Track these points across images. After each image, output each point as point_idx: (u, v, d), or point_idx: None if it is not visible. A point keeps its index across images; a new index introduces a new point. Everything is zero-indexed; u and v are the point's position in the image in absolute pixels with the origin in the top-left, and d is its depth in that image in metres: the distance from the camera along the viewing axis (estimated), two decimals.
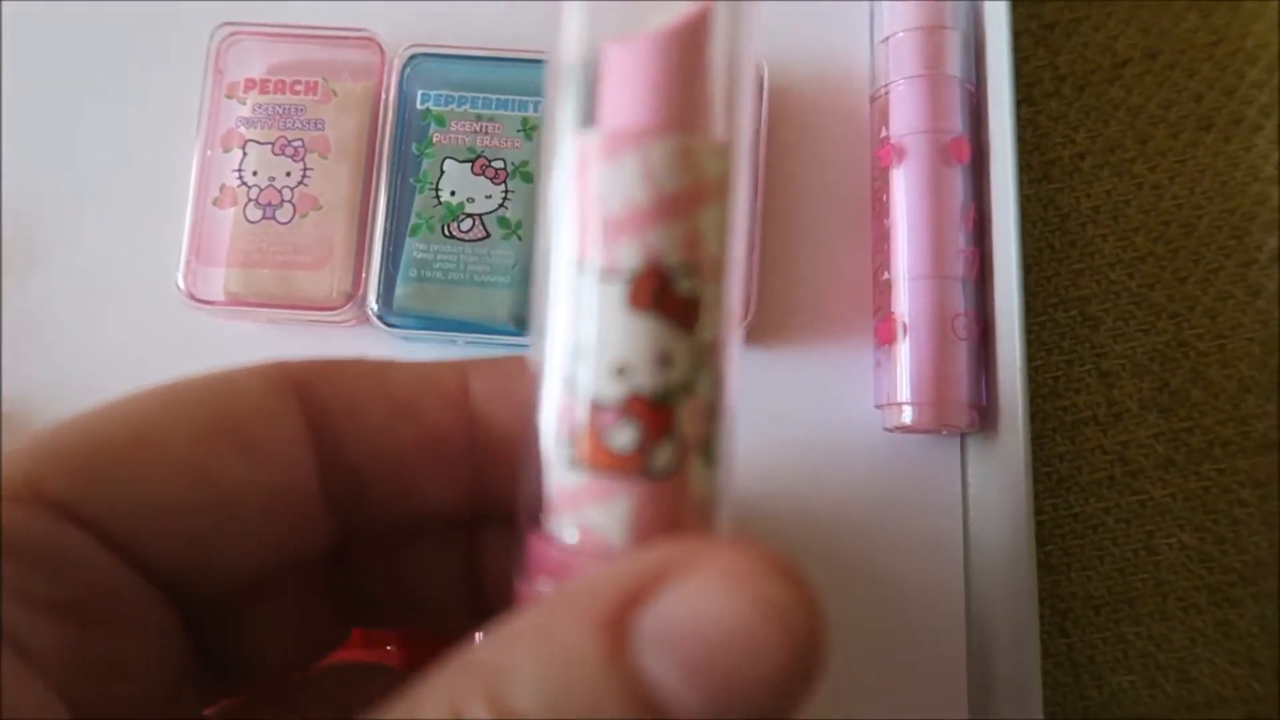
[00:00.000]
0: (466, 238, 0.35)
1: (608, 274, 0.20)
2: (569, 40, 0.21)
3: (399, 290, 0.35)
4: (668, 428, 0.20)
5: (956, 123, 0.35)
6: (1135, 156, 0.38)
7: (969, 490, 0.36)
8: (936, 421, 0.34)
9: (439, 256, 0.35)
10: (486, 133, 0.36)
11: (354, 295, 0.36)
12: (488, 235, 0.35)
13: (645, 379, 0.20)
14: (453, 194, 0.35)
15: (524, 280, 0.35)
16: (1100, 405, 0.37)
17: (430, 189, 0.36)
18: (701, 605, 0.15)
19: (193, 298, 0.36)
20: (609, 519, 0.20)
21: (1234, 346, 0.36)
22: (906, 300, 0.35)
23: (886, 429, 0.35)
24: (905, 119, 0.35)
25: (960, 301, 0.34)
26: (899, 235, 0.35)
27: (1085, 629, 0.35)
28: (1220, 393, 0.36)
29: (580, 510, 0.20)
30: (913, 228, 0.35)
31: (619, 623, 0.15)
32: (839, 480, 0.35)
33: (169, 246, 0.37)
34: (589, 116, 0.20)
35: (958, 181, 0.35)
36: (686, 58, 0.20)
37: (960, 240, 0.35)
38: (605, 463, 0.20)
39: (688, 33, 0.20)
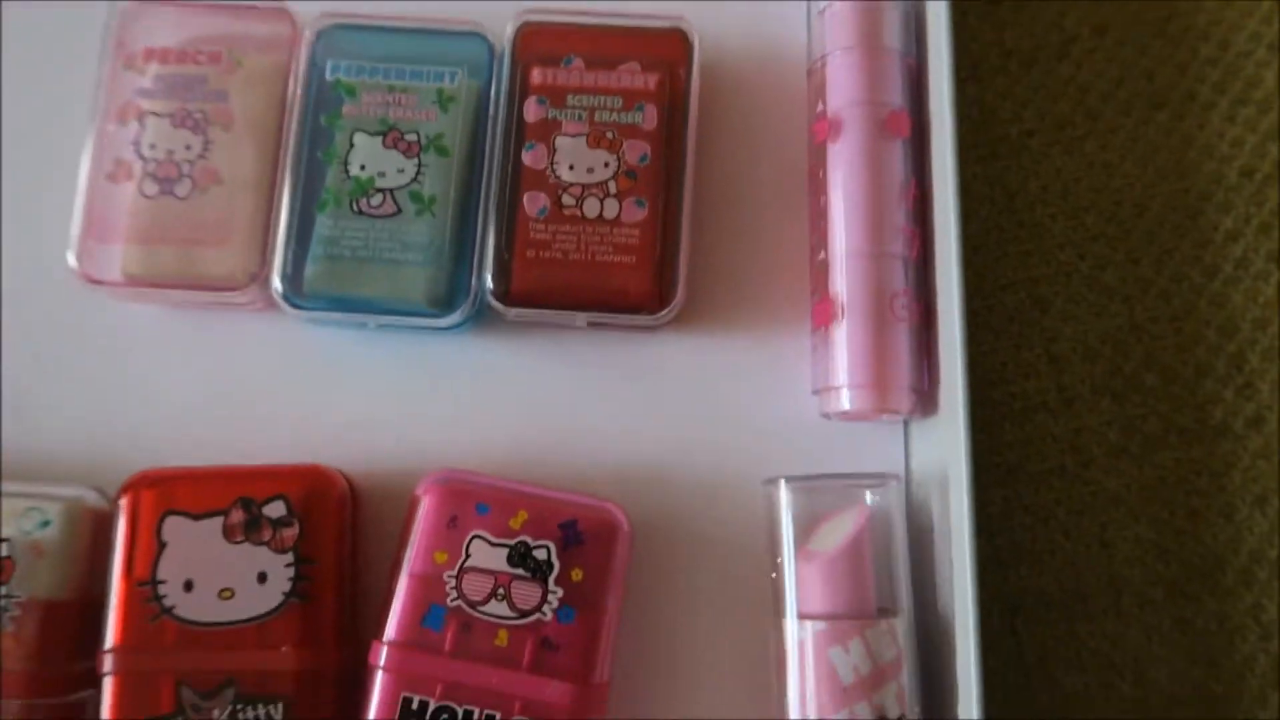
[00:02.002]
0: (377, 213, 0.33)
1: None
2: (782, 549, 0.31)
3: (308, 269, 0.33)
4: None
5: (895, 95, 0.34)
6: (1085, 134, 0.37)
7: (911, 479, 0.34)
8: (876, 406, 0.32)
9: (347, 233, 0.33)
10: (400, 104, 0.34)
11: (259, 275, 0.34)
12: (399, 211, 0.33)
13: None
14: (363, 168, 0.33)
15: (439, 259, 0.33)
16: (1050, 391, 0.35)
17: (339, 163, 0.33)
18: None
19: (87, 278, 0.34)
20: None
21: (1190, 330, 0.35)
22: (844, 279, 0.33)
23: (824, 415, 0.33)
24: (842, 91, 0.34)
25: (900, 280, 0.33)
26: (836, 212, 0.33)
27: (1036, 627, 0.33)
28: (1175, 378, 0.34)
29: None
30: (850, 203, 0.33)
31: None
32: (775, 471, 0.33)
33: (61, 224, 0.34)
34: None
35: (897, 156, 0.33)
36: (861, 559, 0.30)
37: (900, 217, 0.33)
38: None
39: (855, 546, 0.30)
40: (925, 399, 0.33)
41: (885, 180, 0.33)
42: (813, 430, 0.34)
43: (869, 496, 0.32)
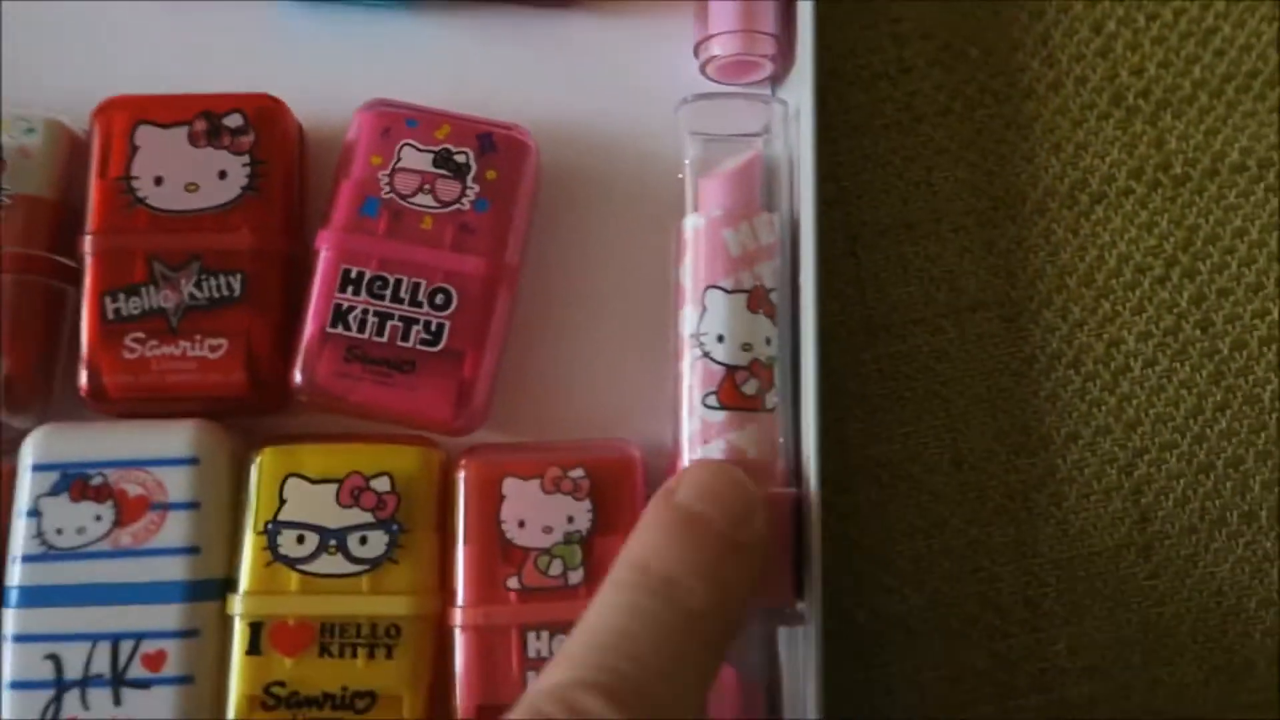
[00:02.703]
0: None
1: (735, 291, 0.35)
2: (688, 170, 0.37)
3: None
4: (772, 381, 0.35)
5: None
6: None
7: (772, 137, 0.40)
8: (744, 47, 0.38)
9: None
10: None
11: None
12: None
13: (760, 351, 0.35)
14: None
15: None
16: (892, 63, 0.41)
17: None
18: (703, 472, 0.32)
19: None
20: (746, 439, 0.34)
21: (1006, 14, 0.42)
22: None
23: (701, 67, 0.40)
24: None
25: None
26: None
27: (871, 250, 0.40)
28: (994, 52, 0.41)
29: (724, 436, 0.34)
30: None
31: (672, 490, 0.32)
32: (664, 118, 0.39)
33: None
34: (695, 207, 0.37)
35: None
36: (752, 177, 0.37)
37: None
38: (740, 404, 0.34)
39: (748, 167, 0.37)
40: (784, 53, 0.39)
41: None
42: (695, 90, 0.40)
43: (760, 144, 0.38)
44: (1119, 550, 0.39)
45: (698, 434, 0.35)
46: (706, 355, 0.35)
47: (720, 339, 0.35)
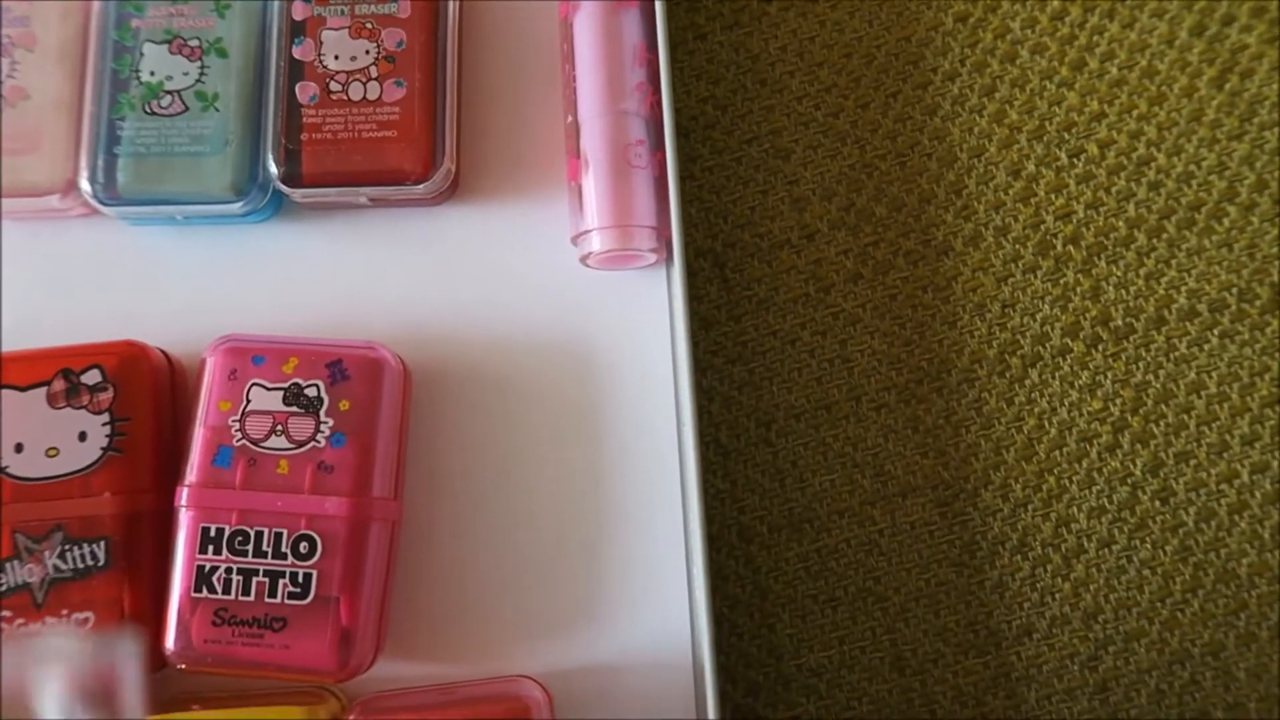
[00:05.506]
0: (166, 113, 0.37)
1: None
2: None
3: (119, 171, 0.37)
4: None
5: None
6: None
7: (674, 318, 0.38)
8: (620, 244, 0.36)
9: (142, 133, 0.37)
10: (182, 14, 0.38)
11: (73, 180, 0.38)
12: (186, 109, 0.37)
13: None
14: (152, 74, 0.37)
15: (225, 150, 0.37)
16: (793, 229, 0.38)
17: (132, 71, 0.37)
18: None
19: None
20: None
21: (913, 164, 0.38)
22: (588, 137, 0.36)
23: (582, 261, 0.37)
24: None
25: (636, 133, 0.36)
26: (580, 78, 0.37)
27: (788, 436, 0.37)
28: (902, 207, 0.38)
29: None
30: (590, 70, 0.37)
31: None
32: (547, 316, 0.37)
33: None
34: None
35: (629, 24, 0.37)
36: None
37: (634, 77, 0.37)
38: None
39: None
40: (670, 242, 0.36)
41: (617, 46, 0.37)
42: (580, 279, 0.38)
43: None
44: None
45: None
46: None
47: None
